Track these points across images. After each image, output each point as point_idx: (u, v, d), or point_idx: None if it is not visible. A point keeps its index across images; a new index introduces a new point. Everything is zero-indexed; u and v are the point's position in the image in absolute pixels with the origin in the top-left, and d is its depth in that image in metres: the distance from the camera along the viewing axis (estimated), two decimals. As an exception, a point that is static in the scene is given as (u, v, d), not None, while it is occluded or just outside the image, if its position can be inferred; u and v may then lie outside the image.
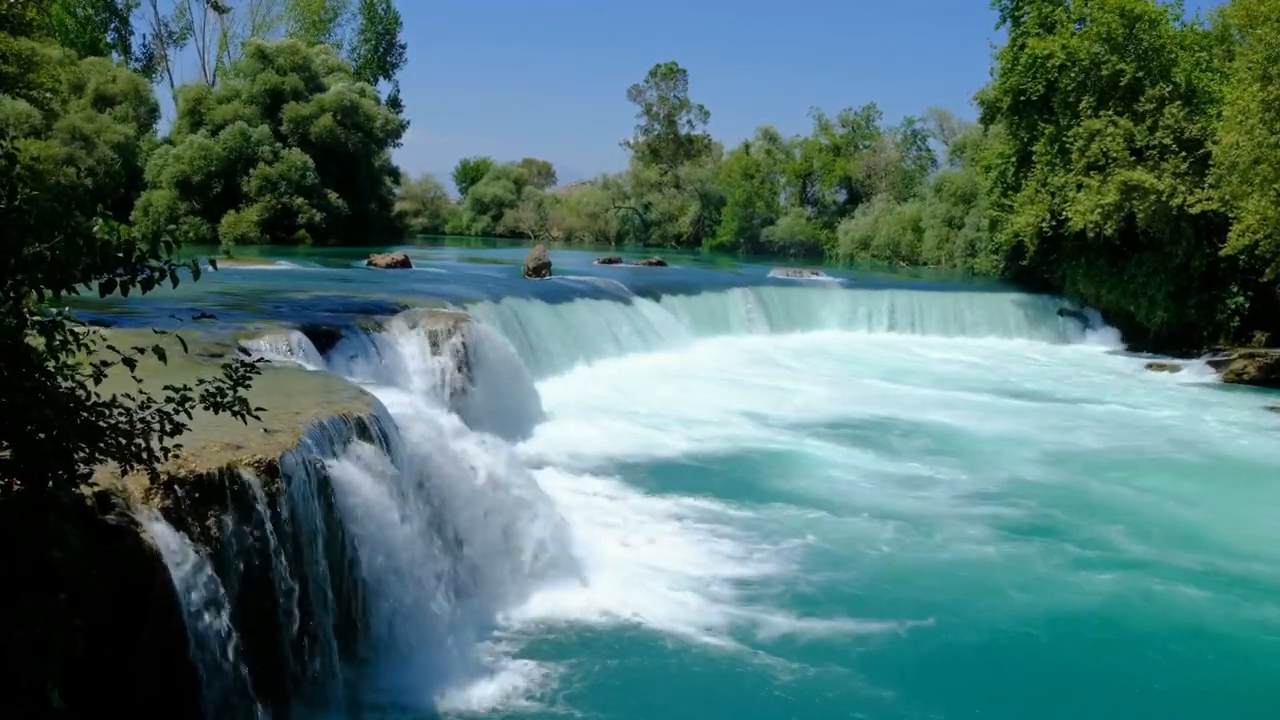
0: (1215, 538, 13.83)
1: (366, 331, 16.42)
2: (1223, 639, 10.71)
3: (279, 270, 29.37)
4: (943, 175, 58.46)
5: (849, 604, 11.04)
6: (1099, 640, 10.66)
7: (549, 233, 78.92)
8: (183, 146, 49.32)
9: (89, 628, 5.11)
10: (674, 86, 78.64)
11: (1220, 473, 18.02)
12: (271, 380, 9.64)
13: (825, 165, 70.56)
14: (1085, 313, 36.87)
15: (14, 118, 41.61)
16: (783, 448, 18.17)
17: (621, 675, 9.26)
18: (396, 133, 59.72)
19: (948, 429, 20.50)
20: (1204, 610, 11.33)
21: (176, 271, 5.14)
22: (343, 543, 8.46)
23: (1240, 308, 32.85)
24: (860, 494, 15.49)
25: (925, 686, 9.38)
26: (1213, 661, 10.27)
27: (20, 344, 4.86)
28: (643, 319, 28.23)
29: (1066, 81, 33.92)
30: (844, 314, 35.66)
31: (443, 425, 11.13)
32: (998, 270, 43.87)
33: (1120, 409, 23.86)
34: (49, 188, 5.03)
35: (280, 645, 7.59)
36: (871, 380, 26.46)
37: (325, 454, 8.51)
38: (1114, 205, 32.46)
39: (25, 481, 5.00)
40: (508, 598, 10.47)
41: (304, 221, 49.28)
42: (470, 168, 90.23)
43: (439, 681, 8.72)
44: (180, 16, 69.28)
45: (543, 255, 32.01)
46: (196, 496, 7.06)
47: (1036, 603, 11.39)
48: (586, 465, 16.12)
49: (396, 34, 72.91)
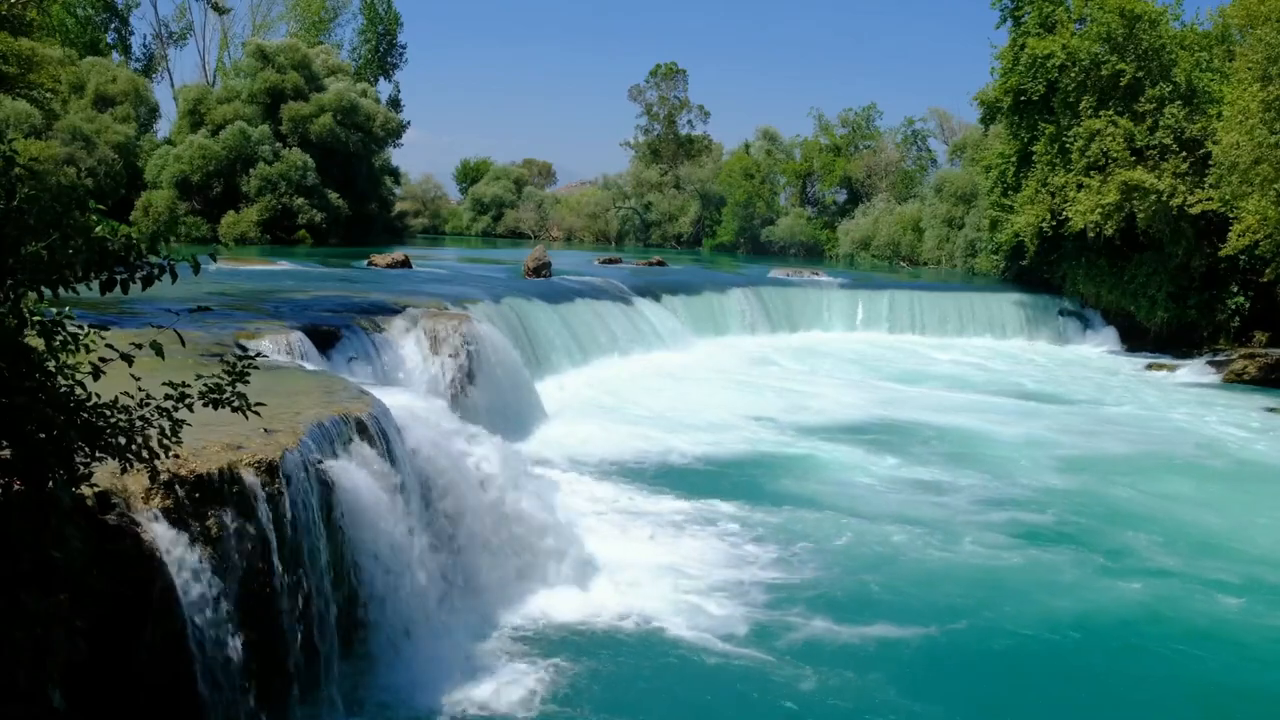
0: (1237, 543, 13.75)
1: (367, 332, 16.41)
2: (1249, 645, 10.64)
3: (279, 270, 29.38)
4: (943, 175, 58.48)
5: (866, 608, 10.94)
6: (1127, 645, 10.56)
7: (549, 233, 78.96)
8: (183, 147, 49.33)
9: (90, 628, 5.10)
10: (674, 87, 78.74)
11: (1238, 477, 17.91)
12: (272, 380, 9.64)
13: (825, 165, 70.58)
14: (1085, 313, 36.87)
15: (14, 118, 41.66)
16: (787, 449, 18.14)
17: (621, 676, 9.25)
18: (397, 133, 59.74)
19: (959, 431, 20.45)
20: (1230, 616, 11.27)
21: (176, 268, 5.14)
22: (343, 542, 8.46)
23: (1240, 308, 32.86)
24: (870, 495, 15.44)
25: (945, 693, 9.33)
26: (1238, 666, 10.22)
27: (20, 344, 4.85)
28: (643, 319, 28.25)
29: (1067, 81, 33.91)
30: (844, 314, 35.67)
31: (443, 425, 11.12)
32: (998, 270, 43.89)
33: (1130, 411, 23.85)
34: (48, 187, 5.02)
35: (280, 645, 7.58)
36: (872, 380, 26.46)
37: (326, 454, 8.50)
38: (1114, 205, 32.47)
39: (26, 481, 5.00)
40: (508, 598, 10.45)
41: (304, 222, 49.29)
42: (470, 168, 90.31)
43: (438, 681, 8.71)
44: (180, 17, 69.36)
45: (543, 255, 32.01)
46: (197, 496, 7.04)
47: (1062, 607, 11.27)
48: (587, 465, 16.11)
49: (397, 34, 73.00)
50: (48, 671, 4.91)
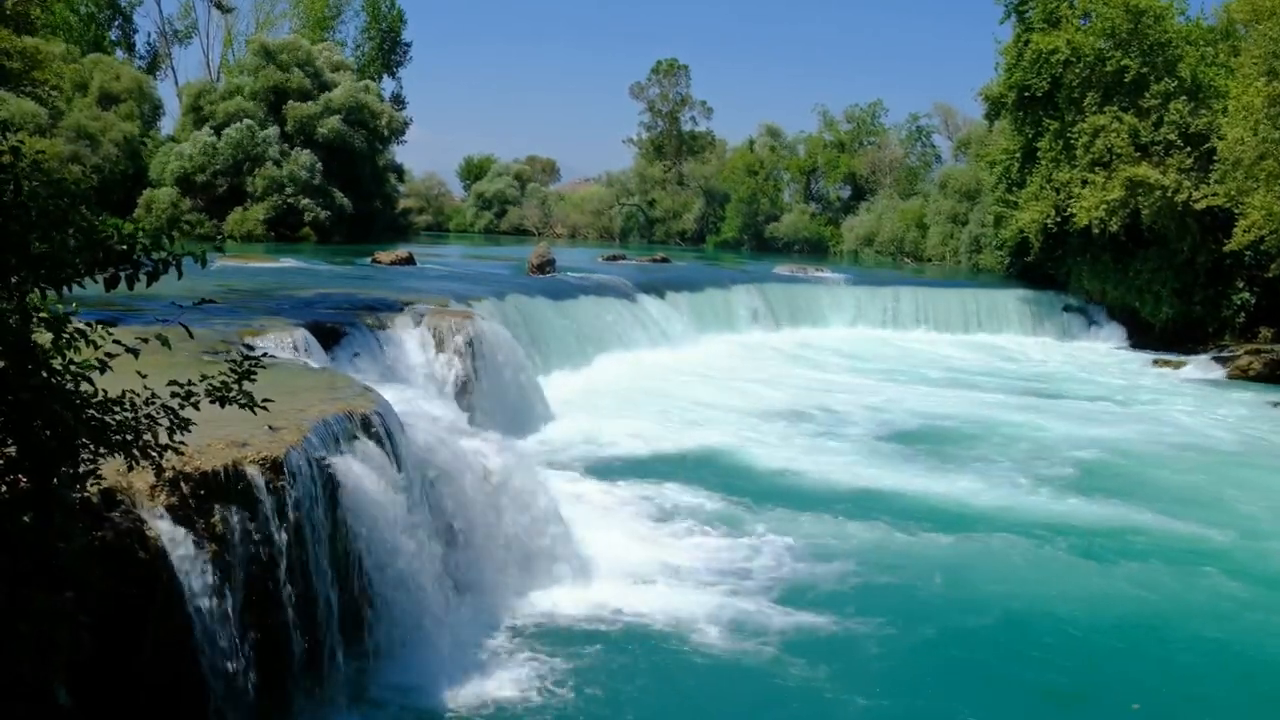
0: (1237, 543, 13.66)
1: (371, 329, 16.41)
2: (1251, 644, 10.63)
3: (283, 268, 29.41)
4: (947, 171, 58.41)
5: (872, 607, 10.86)
6: (1190, 646, 10.58)
7: (553, 230, 78.94)
8: (188, 144, 49.33)
9: (94, 625, 5.11)
10: (676, 83, 78.53)
11: (1242, 475, 17.74)
12: (276, 377, 9.64)
13: (829, 162, 70.52)
14: (1090, 309, 36.79)
15: (20, 116, 41.70)
16: (792, 448, 18.09)
17: (624, 674, 9.24)
18: (401, 131, 59.71)
19: (966, 426, 20.43)
20: (1231, 617, 11.23)
21: (181, 263, 5.14)
22: (347, 539, 8.46)
23: (1246, 304, 32.77)
24: (876, 493, 15.36)
25: (951, 692, 9.35)
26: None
27: (25, 340, 4.85)
28: (648, 316, 28.23)
29: (1071, 77, 33.84)
30: (849, 311, 35.62)
31: (447, 422, 11.12)
32: (1002, 267, 43.83)
33: (1138, 408, 23.76)
34: (50, 183, 5.01)
35: (285, 641, 7.59)
36: (875, 377, 26.45)
37: (330, 451, 8.51)
38: (1119, 201, 32.41)
39: (31, 479, 5.00)
40: (511, 594, 10.46)
41: (309, 220, 49.29)
42: (474, 165, 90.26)
43: (442, 677, 8.72)
44: (185, 15, 69.22)
45: (547, 252, 32.03)
46: (201, 493, 7.05)
47: (1109, 608, 11.25)
48: (591, 462, 16.09)
49: (401, 32, 72.93)
50: (53, 668, 4.92)
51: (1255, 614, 11.32)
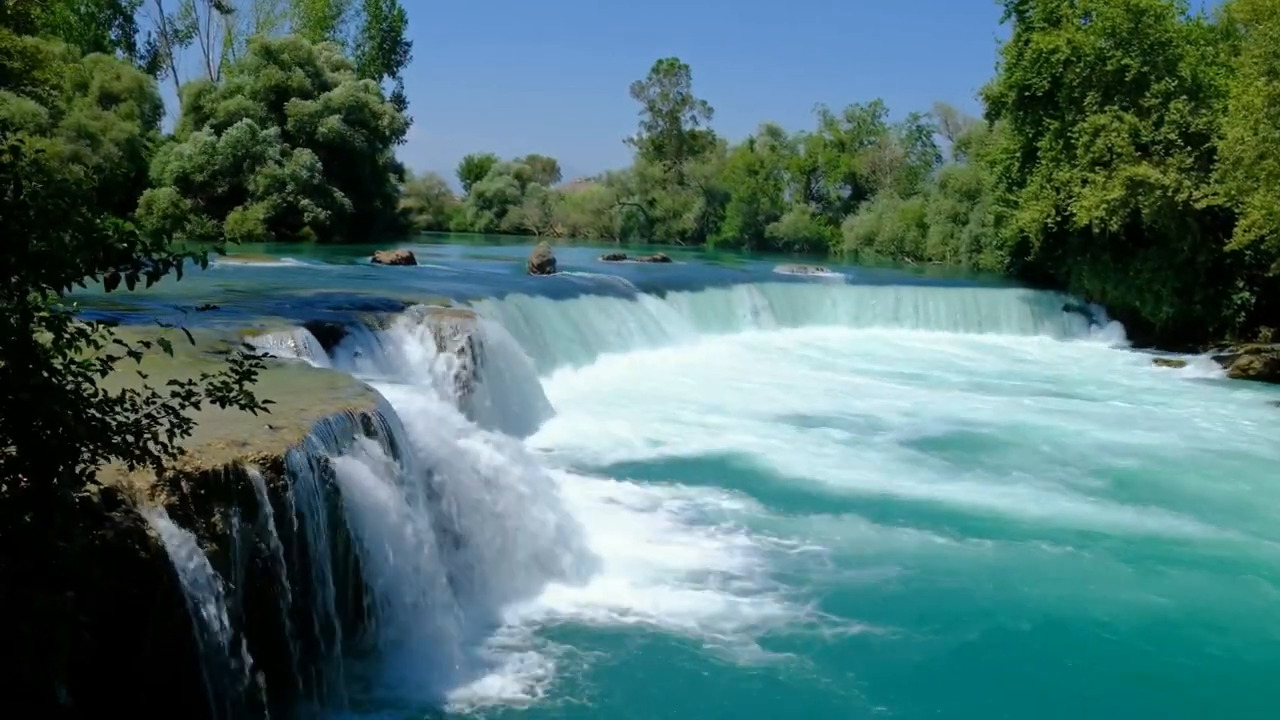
0: (1239, 542, 13.66)
1: (371, 329, 16.41)
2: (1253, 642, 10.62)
3: (284, 267, 29.42)
4: (947, 171, 58.38)
5: (876, 606, 10.84)
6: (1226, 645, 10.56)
7: (553, 229, 78.90)
8: (188, 144, 49.31)
9: (95, 625, 5.11)
10: (677, 83, 78.43)
11: (1244, 473, 17.73)
12: (276, 377, 9.65)
13: (830, 161, 70.51)
14: (1090, 309, 36.79)
15: (20, 116, 41.68)
16: (794, 446, 18.07)
17: (626, 674, 9.25)
18: (401, 130, 59.67)
19: (969, 427, 20.37)
20: (1234, 615, 11.23)
21: (181, 264, 5.13)
22: (348, 539, 8.46)
23: (1246, 303, 32.74)
24: (880, 491, 15.30)
25: (957, 691, 9.34)
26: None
27: (26, 340, 4.85)
28: (648, 315, 28.24)
29: (1071, 77, 33.82)
30: (850, 310, 35.63)
31: (448, 421, 11.12)
32: (1003, 266, 43.81)
33: (1138, 408, 23.74)
34: (50, 183, 5.01)
35: (285, 641, 7.59)
36: (877, 376, 26.43)
37: (330, 450, 8.51)
38: (1119, 201, 32.38)
39: (31, 479, 5.00)
40: (512, 593, 10.46)
41: (309, 219, 49.28)
42: (474, 164, 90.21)
43: (444, 677, 8.73)
44: (185, 15, 69.18)
45: (547, 252, 32.04)
46: (202, 493, 7.05)
47: (1151, 615, 11.15)
48: (592, 462, 16.09)
49: (401, 31, 72.87)
50: (53, 668, 4.92)
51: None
